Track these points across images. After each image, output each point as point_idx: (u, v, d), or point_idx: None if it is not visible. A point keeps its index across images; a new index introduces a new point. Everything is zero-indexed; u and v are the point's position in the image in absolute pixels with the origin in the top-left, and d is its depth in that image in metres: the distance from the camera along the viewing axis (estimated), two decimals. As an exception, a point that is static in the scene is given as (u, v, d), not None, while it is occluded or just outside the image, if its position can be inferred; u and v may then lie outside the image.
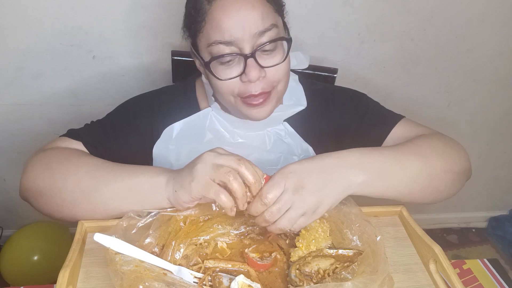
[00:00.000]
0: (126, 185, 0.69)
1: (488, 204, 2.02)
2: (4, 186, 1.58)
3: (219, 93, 0.79)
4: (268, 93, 0.77)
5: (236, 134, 0.88)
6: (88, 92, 1.34)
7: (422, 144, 0.76)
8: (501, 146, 1.77)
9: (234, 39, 0.71)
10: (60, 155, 0.76)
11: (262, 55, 0.74)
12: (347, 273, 0.63)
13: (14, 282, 1.56)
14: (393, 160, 0.70)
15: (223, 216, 0.73)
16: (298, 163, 0.66)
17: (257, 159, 0.88)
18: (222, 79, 0.74)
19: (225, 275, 0.66)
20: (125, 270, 0.60)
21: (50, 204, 0.73)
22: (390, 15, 1.29)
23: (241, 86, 0.75)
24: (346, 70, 1.37)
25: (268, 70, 0.75)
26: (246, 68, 0.73)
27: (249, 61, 0.72)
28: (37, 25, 1.18)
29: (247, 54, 0.72)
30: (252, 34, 0.71)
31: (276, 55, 0.75)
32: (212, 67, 0.75)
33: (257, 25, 0.71)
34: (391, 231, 0.78)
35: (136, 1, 1.18)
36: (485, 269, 0.90)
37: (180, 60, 1.12)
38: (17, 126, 1.40)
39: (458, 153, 0.78)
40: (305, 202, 0.63)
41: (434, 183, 0.74)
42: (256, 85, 0.75)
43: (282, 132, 0.90)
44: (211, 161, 0.62)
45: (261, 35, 0.72)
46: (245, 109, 0.78)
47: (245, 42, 0.71)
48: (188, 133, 0.88)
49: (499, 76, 1.52)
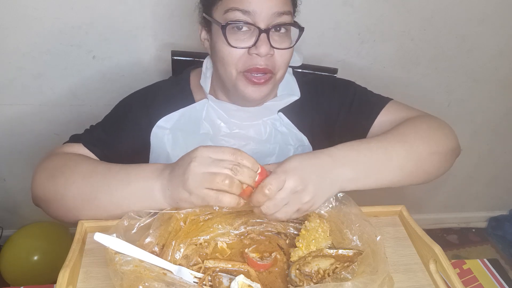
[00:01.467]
0: (120, 194, 0.70)
1: (488, 204, 2.03)
2: (4, 186, 1.58)
3: (223, 64, 0.80)
4: (269, 75, 0.80)
5: (232, 124, 0.89)
6: (88, 92, 1.34)
7: (406, 131, 0.78)
8: (501, 146, 1.77)
9: (253, 11, 0.74)
10: (61, 162, 0.77)
11: (274, 35, 0.77)
12: (347, 273, 0.63)
13: (14, 282, 1.56)
14: (380, 152, 0.72)
15: (223, 216, 0.73)
16: (298, 160, 0.66)
17: (253, 149, 0.90)
18: (233, 45, 0.76)
19: (225, 275, 0.66)
20: (125, 270, 0.60)
21: (58, 210, 0.75)
22: (390, 15, 1.29)
23: (247, 58, 0.78)
24: (346, 70, 1.37)
25: (275, 51, 0.78)
26: (258, 42, 0.75)
27: (262, 35, 0.75)
28: (37, 25, 1.18)
29: (262, 28, 0.75)
30: (271, 12, 0.75)
31: (285, 40, 0.79)
32: (227, 31, 0.76)
33: (278, 6, 0.75)
34: (391, 231, 0.78)
35: (136, 1, 1.18)
36: (485, 269, 0.90)
37: (180, 60, 1.12)
38: (17, 126, 1.40)
39: (443, 134, 0.81)
40: (301, 201, 0.65)
41: (422, 166, 0.76)
42: (263, 60, 0.77)
43: (277, 122, 0.91)
44: (203, 171, 0.62)
45: (278, 16, 0.76)
46: (244, 85, 0.80)
47: (262, 17, 0.75)
48: (185, 124, 0.89)
49: (499, 76, 1.52)
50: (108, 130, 0.87)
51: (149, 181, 0.68)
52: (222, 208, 0.72)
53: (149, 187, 0.68)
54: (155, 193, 0.68)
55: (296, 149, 0.92)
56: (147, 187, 0.68)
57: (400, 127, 0.79)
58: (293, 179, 0.64)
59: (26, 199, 1.61)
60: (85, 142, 0.83)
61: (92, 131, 0.88)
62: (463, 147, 1.81)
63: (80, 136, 0.86)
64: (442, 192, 1.92)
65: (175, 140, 0.89)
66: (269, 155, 0.92)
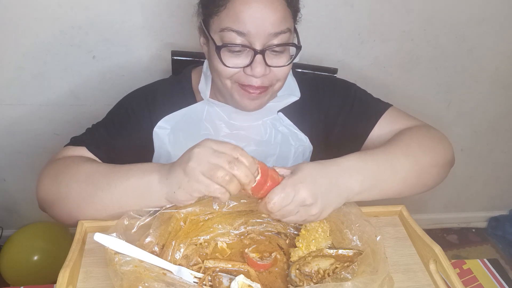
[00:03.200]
0: (121, 190, 0.70)
1: (488, 204, 2.02)
2: (4, 186, 1.58)
3: (218, 75, 0.80)
4: (265, 88, 0.79)
5: (233, 125, 0.89)
6: (88, 92, 1.34)
7: (410, 142, 0.79)
8: (501, 146, 1.77)
9: (248, 32, 0.73)
10: (64, 165, 0.78)
11: (270, 54, 0.76)
12: (347, 273, 0.63)
13: (14, 282, 1.56)
14: (386, 165, 0.73)
15: (223, 216, 0.74)
16: (308, 171, 0.66)
17: (254, 149, 0.90)
18: (228, 65, 0.76)
19: (225, 275, 0.66)
20: (125, 270, 0.60)
21: (61, 212, 0.76)
22: (390, 15, 1.29)
23: (242, 75, 0.77)
24: (346, 70, 1.37)
25: (272, 69, 0.77)
26: (253, 63, 0.75)
27: (257, 57, 0.74)
28: (37, 25, 1.18)
29: (257, 49, 0.74)
30: (267, 33, 0.73)
31: (282, 57, 0.78)
32: (221, 52, 0.76)
33: (274, 27, 0.73)
34: (391, 231, 0.79)
35: (136, 1, 1.18)
36: (485, 269, 0.90)
37: (180, 60, 1.12)
38: (17, 126, 1.40)
39: (443, 146, 0.83)
40: (309, 213, 0.66)
41: (423, 179, 0.78)
42: (258, 79, 0.77)
43: (278, 122, 0.91)
44: (205, 158, 0.62)
45: (275, 36, 0.74)
46: (239, 95, 0.80)
47: (258, 38, 0.73)
48: (186, 124, 0.89)
49: (499, 76, 1.52)
50: (110, 131, 0.86)
51: (148, 175, 0.68)
52: (222, 208, 0.73)
53: (149, 181, 0.68)
54: (153, 186, 0.67)
55: (297, 149, 0.92)
56: (147, 180, 0.68)
57: (403, 138, 0.80)
58: (303, 192, 0.64)
59: (26, 199, 1.62)
60: (87, 145, 0.83)
61: (93, 132, 0.87)
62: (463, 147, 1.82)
63: (82, 138, 0.85)
64: (442, 192, 1.92)
65: (176, 140, 0.89)
66: (270, 156, 0.92)
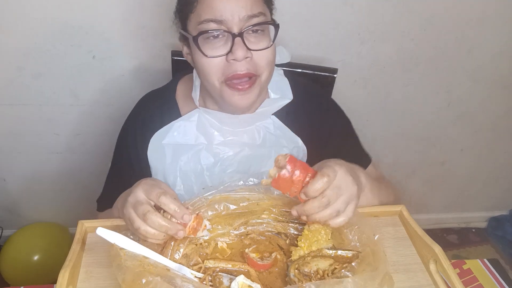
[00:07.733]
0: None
1: (488, 204, 2.02)
2: (4, 186, 1.58)
3: (205, 75, 0.80)
4: (253, 79, 0.79)
5: (226, 132, 0.89)
6: (88, 92, 1.34)
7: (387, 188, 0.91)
8: (501, 146, 1.77)
9: (224, 19, 0.74)
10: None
11: (250, 37, 0.76)
12: (347, 271, 0.63)
13: (14, 282, 1.56)
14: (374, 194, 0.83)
15: (223, 216, 0.74)
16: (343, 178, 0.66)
17: (248, 154, 0.90)
18: (208, 55, 0.76)
19: (225, 275, 0.67)
20: (129, 264, 0.60)
21: None
22: (390, 15, 1.29)
23: (226, 66, 0.77)
24: (346, 70, 1.37)
25: (254, 53, 0.77)
26: (233, 47, 0.75)
27: (236, 39, 0.75)
28: (37, 25, 1.18)
29: (235, 33, 0.74)
30: (241, 17, 0.74)
31: (262, 40, 0.78)
32: (200, 43, 0.76)
33: (246, 10, 0.75)
34: (391, 231, 0.79)
35: (136, 1, 1.18)
36: (485, 269, 0.90)
37: (180, 60, 1.12)
38: (17, 126, 1.40)
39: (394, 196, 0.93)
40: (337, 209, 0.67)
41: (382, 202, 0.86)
42: (242, 64, 0.76)
43: (271, 125, 0.91)
44: (129, 214, 0.67)
45: (249, 19, 0.75)
46: (229, 94, 0.79)
47: (234, 23, 0.74)
48: (178, 137, 0.90)
49: (499, 76, 1.52)
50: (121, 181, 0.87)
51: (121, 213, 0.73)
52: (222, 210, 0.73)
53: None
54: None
55: (291, 151, 0.92)
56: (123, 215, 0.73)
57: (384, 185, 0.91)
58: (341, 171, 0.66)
59: (26, 199, 1.62)
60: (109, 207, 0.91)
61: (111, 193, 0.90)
62: (463, 147, 1.82)
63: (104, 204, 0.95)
64: (442, 192, 1.92)
65: (169, 154, 0.89)
66: (266, 159, 0.91)
